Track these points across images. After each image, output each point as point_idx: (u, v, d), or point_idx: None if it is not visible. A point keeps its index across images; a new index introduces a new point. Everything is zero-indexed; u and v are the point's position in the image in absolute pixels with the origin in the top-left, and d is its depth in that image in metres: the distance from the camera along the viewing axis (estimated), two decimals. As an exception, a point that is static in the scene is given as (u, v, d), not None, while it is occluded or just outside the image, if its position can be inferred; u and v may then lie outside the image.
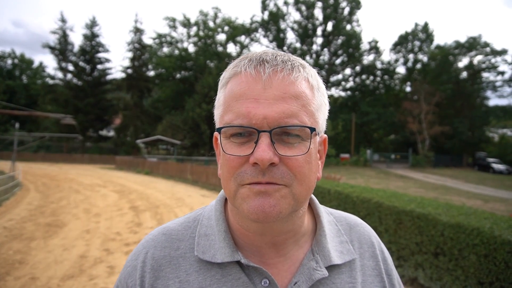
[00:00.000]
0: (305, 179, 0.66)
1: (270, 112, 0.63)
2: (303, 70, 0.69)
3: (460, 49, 43.80)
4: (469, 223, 4.09)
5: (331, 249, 0.76)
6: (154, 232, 0.79)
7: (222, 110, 0.69)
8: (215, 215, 0.78)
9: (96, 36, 46.28)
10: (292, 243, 0.74)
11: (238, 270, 0.70)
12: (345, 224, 0.84)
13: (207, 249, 0.73)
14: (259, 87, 0.64)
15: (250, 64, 0.67)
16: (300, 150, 0.65)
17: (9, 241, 7.07)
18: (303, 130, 0.65)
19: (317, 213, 0.80)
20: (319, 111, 0.70)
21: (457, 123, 41.12)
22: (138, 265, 0.73)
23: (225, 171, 0.67)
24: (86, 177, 21.42)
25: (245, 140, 0.65)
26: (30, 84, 55.80)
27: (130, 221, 9.20)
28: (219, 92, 0.73)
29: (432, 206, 5.00)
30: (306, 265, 0.72)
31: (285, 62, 0.67)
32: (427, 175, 28.89)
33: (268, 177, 0.63)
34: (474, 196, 17.15)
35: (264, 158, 0.61)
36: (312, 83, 0.70)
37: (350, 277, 0.75)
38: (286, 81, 0.65)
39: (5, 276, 5.24)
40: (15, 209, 10.54)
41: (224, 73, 0.72)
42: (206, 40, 47.54)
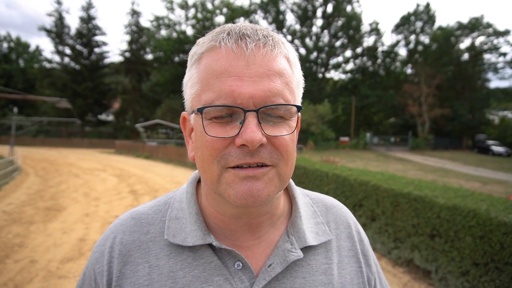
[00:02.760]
0: (290, 158, 0.64)
1: (256, 90, 0.60)
2: (283, 46, 0.66)
3: (462, 30, 43.19)
4: (466, 205, 4.09)
5: (306, 230, 0.74)
6: (123, 216, 0.76)
7: (199, 88, 0.64)
8: (186, 197, 0.75)
9: (92, 18, 45.57)
10: (268, 225, 0.72)
11: (210, 253, 0.68)
12: (322, 206, 0.83)
13: (177, 233, 0.70)
14: (242, 64, 0.60)
15: (230, 38, 0.62)
16: (285, 129, 0.63)
17: (8, 225, 7.11)
18: (288, 109, 0.62)
19: (293, 194, 0.79)
20: (298, 88, 0.68)
21: (457, 105, 40.94)
22: (105, 250, 0.71)
23: (206, 154, 0.63)
24: (85, 162, 21.45)
25: (229, 120, 0.61)
26: (27, 68, 55.24)
27: (129, 205, 9.24)
28: (190, 69, 0.68)
29: (429, 189, 4.99)
30: (281, 247, 0.70)
31: (267, 37, 0.63)
32: (427, 158, 28.96)
33: (258, 157, 0.60)
34: (473, 179, 17.22)
35: (254, 139, 0.58)
36: (291, 59, 0.67)
37: (325, 258, 0.74)
38: (269, 57, 0.62)
39: (5, 259, 5.28)
40: (14, 193, 10.58)
41: (196, 48, 0.67)
42: (204, 23, 46.85)
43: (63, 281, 4.55)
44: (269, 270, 0.68)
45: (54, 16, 44.76)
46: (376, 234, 5.65)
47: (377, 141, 41.14)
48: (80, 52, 44.86)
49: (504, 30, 41.67)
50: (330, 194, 6.75)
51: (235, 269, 0.67)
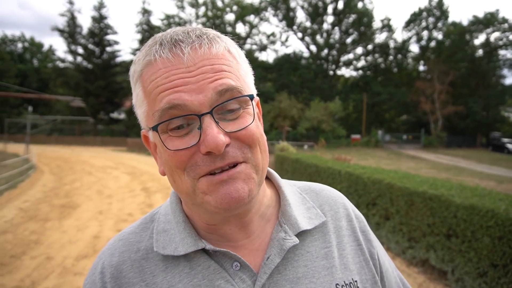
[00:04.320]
0: (261, 145, 0.64)
1: (204, 92, 0.58)
2: (221, 40, 0.64)
3: (476, 26, 42.30)
4: (484, 204, 4.00)
5: (298, 216, 0.72)
6: (110, 241, 0.74)
7: (147, 105, 0.62)
8: (171, 208, 0.73)
9: (104, 18, 46.00)
10: (258, 220, 0.71)
11: (206, 258, 0.66)
12: (310, 191, 0.82)
13: (167, 244, 0.68)
14: (182, 70, 0.59)
15: (163, 48, 0.60)
16: (246, 120, 0.61)
17: (25, 222, 7.25)
18: (242, 100, 0.61)
19: (278, 184, 0.77)
20: (248, 76, 0.67)
21: (471, 102, 40.18)
22: (96, 278, 0.68)
23: (173, 168, 0.61)
24: (98, 159, 21.73)
25: (186, 131, 0.59)
26: (41, 67, 56.16)
27: (142, 202, 9.33)
28: (134, 89, 0.66)
29: (445, 188, 4.90)
30: (276, 238, 0.69)
31: (200, 37, 0.62)
32: (440, 156, 28.52)
33: (228, 158, 0.59)
34: (488, 177, 16.89)
35: (218, 144, 0.56)
36: (233, 51, 0.65)
37: (324, 242, 0.73)
38: (209, 55, 0.60)
39: (22, 255, 5.39)
40: (30, 191, 10.78)
41: (134, 67, 0.65)
42: (214, 20, 46.88)
43: (78, 278, 4.61)
44: (268, 263, 0.66)
45: (66, 16, 45.36)
46: (390, 233, 5.59)
47: (389, 139, 40.70)
48: (92, 51, 45.36)
49: (521, 25, 40.67)
50: (343, 192, 6.68)
51: (234, 270, 0.66)
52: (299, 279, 0.67)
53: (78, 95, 41.96)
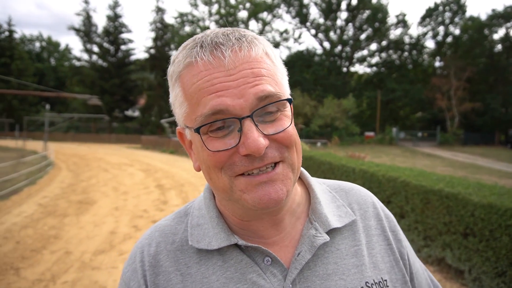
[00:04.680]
0: (297, 146, 0.66)
1: (244, 95, 0.59)
2: (259, 43, 0.65)
3: (496, 20, 41.20)
4: (502, 203, 3.92)
5: (328, 214, 0.74)
6: (146, 231, 0.77)
7: (188, 107, 0.64)
8: (205, 203, 0.75)
9: (119, 16, 46.59)
10: (289, 217, 0.72)
11: (238, 253, 0.69)
12: (340, 190, 0.83)
13: (201, 238, 0.70)
14: (223, 73, 0.60)
15: (204, 50, 0.61)
16: (282, 123, 0.63)
17: (44, 217, 7.44)
18: (280, 103, 0.63)
19: (308, 182, 0.79)
20: (283, 79, 0.68)
21: (489, 99, 39.22)
22: (137, 266, 0.71)
23: (211, 166, 0.63)
24: (113, 157, 22.09)
25: (225, 132, 0.61)
26: (58, 66, 57.34)
27: (157, 199, 9.46)
28: (173, 88, 0.67)
29: (462, 186, 4.82)
30: (306, 235, 0.71)
31: (240, 39, 0.63)
32: (456, 154, 27.99)
33: (267, 159, 0.61)
34: (506, 175, 16.51)
35: (259, 147, 0.58)
36: (270, 53, 0.66)
37: (353, 240, 0.74)
38: (249, 58, 0.61)
39: (42, 249, 5.54)
40: (48, 187, 11.05)
41: (173, 67, 0.67)
42: (227, 18, 46.94)
43: (96, 272, 4.72)
44: (299, 259, 0.68)
45: (82, 15, 46.14)
46: (405, 231, 5.53)
47: (403, 136, 40.13)
48: (107, 50, 46.03)
49: (542, 19, 39.46)
50: (357, 190, 6.64)
51: (265, 265, 0.67)
52: (329, 276, 0.68)
53: (93, 93, 42.69)
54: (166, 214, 7.85)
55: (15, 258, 5.16)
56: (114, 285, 4.36)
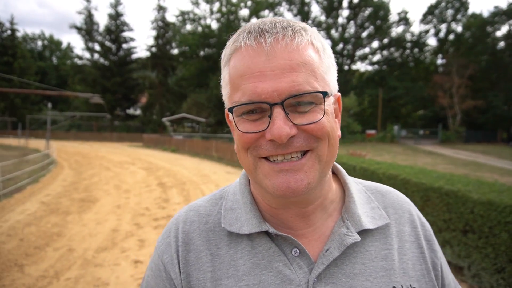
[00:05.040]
0: (330, 139, 0.65)
1: (279, 83, 0.60)
2: (306, 34, 0.65)
3: (499, 17, 41.02)
4: (502, 200, 3.94)
5: (362, 215, 0.73)
6: (181, 210, 0.80)
7: (230, 89, 0.67)
8: (240, 189, 0.78)
9: (120, 15, 46.64)
10: (320, 212, 0.72)
11: (267, 240, 0.70)
12: (376, 192, 0.82)
13: (233, 222, 0.72)
14: (263, 59, 0.61)
15: (250, 36, 0.64)
16: (316, 115, 0.63)
17: (47, 215, 7.50)
18: (315, 96, 0.62)
19: (344, 181, 0.78)
20: (328, 73, 0.67)
21: (491, 96, 39.09)
22: (171, 241, 0.74)
23: (239, 146, 0.67)
24: (115, 155, 22.17)
25: (258, 116, 0.63)
26: (60, 64, 57.51)
27: (158, 197, 9.51)
28: (223, 71, 0.70)
29: (462, 183, 4.84)
30: (337, 232, 0.70)
31: (286, 28, 0.64)
32: (458, 151, 27.94)
33: (291, 148, 0.62)
34: (508, 173, 16.49)
35: (281, 134, 0.59)
36: (317, 45, 0.66)
37: (385, 244, 0.72)
38: (290, 48, 0.62)
39: (45, 247, 5.59)
40: (51, 185, 11.12)
41: (225, 50, 0.70)
42: (229, 16, 46.90)
43: (99, 269, 4.77)
44: (326, 255, 0.68)
45: (83, 14, 46.22)
46: (405, 229, 5.55)
47: (405, 134, 40.07)
48: (109, 48, 46.10)
49: (544, 16, 39.26)
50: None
51: (293, 255, 0.68)
52: (356, 275, 0.68)
53: (95, 92, 42.75)
54: (167, 212, 7.90)
55: (19, 255, 5.22)
56: (116, 282, 4.41)
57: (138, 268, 4.84)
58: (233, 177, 13.54)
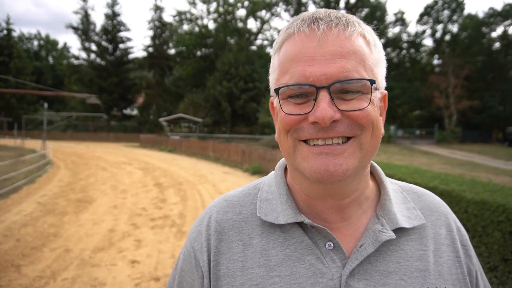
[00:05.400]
0: (374, 129, 0.65)
1: (328, 68, 0.61)
2: (359, 25, 0.67)
3: (494, 18, 41.29)
4: (495, 199, 4.00)
5: (397, 213, 0.72)
6: (216, 200, 0.81)
7: (278, 73, 0.68)
8: (275, 180, 0.78)
9: (117, 15, 46.50)
10: (355, 207, 0.71)
11: (301, 233, 0.69)
12: (412, 193, 0.81)
13: (269, 212, 0.72)
14: (314, 44, 0.62)
15: (303, 23, 0.65)
16: (361, 103, 0.63)
17: (43, 216, 7.49)
18: (362, 84, 0.62)
19: (380, 179, 0.78)
20: (377, 66, 0.67)
21: (487, 97, 39.33)
22: (202, 229, 0.75)
23: (280, 128, 0.67)
24: (112, 155, 22.12)
25: (303, 100, 0.63)
26: (56, 64, 57.25)
27: (155, 197, 9.51)
28: (273, 58, 0.72)
29: (457, 183, 4.90)
30: (371, 228, 0.69)
31: (339, 18, 0.65)
32: (454, 151, 28.10)
33: (333, 132, 0.62)
34: (504, 173, 16.61)
35: (325, 116, 0.59)
36: (369, 38, 0.67)
37: (420, 244, 0.71)
38: (342, 36, 0.63)
39: (42, 247, 5.59)
40: (47, 186, 11.09)
41: (277, 37, 0.71)
42: (226, 16, 46.89)
43: (96, 269, 4.78)
44: (360, 250, 0.67)
45: (80, 14, 46.04)
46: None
47: (401, 134, 40.22)
48: (106, 48, 45.94)
49: (540, 17, 39.56)
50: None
51: (326, 249, 0.68)
52: (390, 274, 0.67)
53: (91, 92, 42.65)
54: (164, 212, 7.92)
55: (16, 255, 5.22)
56: (113, 282, 4.42)
57: (135, 268, 4.85)
58: (230, 177, 13.57)
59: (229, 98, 37.42)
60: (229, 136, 34.50)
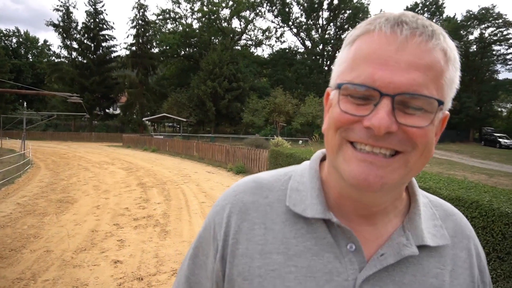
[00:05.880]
0: (426, 150, 0.61)
1: (399, 77, 0.57)
2: (443, 39, 0.62)
3: (471, 21, 42.55)
4: (469, 196, 4.17)
5: (424, 230, 0.70)
6: (245, 179, 0.80)
7: (345, 67, 0.64)
8: (309, 172, 0.76)
9: (99, 13, 45.66)
10: (382, 214, 0.70)
11: (324, 229, 0.68)
12: (441, 210, 0.78)
13: (298, 203, 0.71)
14: (392, 48, 0.58)
15: (387, 23, 0.60)
16: (422, 121, 0.59)
17: (23, 217, 7.34)
18: (429, 103, 0.58)
19: (413, 191, 0.75)
20: (450, 87, 0.63)
21: (464, 97, 40.52)
22: (226, 205, 0.75)
23: (331, 124, 0.64)
24: (94, 155, 21.76)
25: (364, 102, 0.60)
26: (36, 62, 55.73)
27: (138, 197, 9.44)
28: (342, 50, 0.67)
29: (434, 181, 5.07)
30: (396, 240, 0.67)
31: (426, 27, 0.60)
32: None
33: (384, 142, 0.58)
34: (479, 171, 17.17)
35: (381, 125, 0.56)
36: (450, 55, 0.63)
37: (438, 263, 0.70)
38: (423, 47, 0.59)
39: (22, 249, 5.49)
40: (27, 186, 10.85)
41: (353, 31, 0.67)
42: (210, 16, 46.71)
43: (78, 270, 4.73)
44: (381, 259, 0.65)
45: (61, 11, 44.99)
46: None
47: (383, 134, 40.92)
48: (88, 47, 45.05)
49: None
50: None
51: (347, 250, 0.66)
52: (404, 285, 0.66)
53: (73, 91, 41.64)
54: (148, 212, 7.87)
55: (-6, 257, 5.11)
56: (95, 282, 4.40)
57: (118, 268, 4.83)
58: (214, 177, 13.58)
59: (213, 98, 37.30)
60: (214, 136, 34.42)
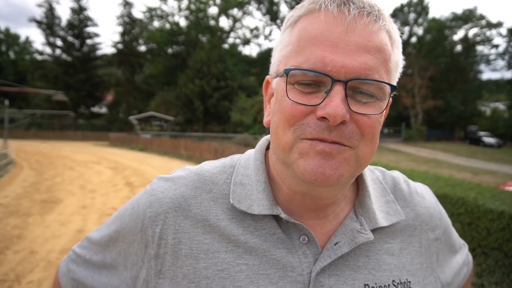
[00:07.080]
0: (373, 140, 0.59)
1: (351, 61, 0.54)
2: (388, 21, 0.60)
3: (456, 22, 43.39)
4: (455, 193, 4.24)
5: (377, 210, 0.68)
6: (185, 169, 0.73)
7: (289, 51, 0.59)
8: (254, 164, 0.70)
9: (84, 9, 44.88)
10: (333, 206, 0.68)
11: (273, 225, 0.65)
12: (391, 182, 0.76)
13: (242, 199, 0.66)
14: (340, 30, 0.55)
15: (333, 1, 0.57)
16: (374, 109, 0.57)
17: (6, 217, 7.15)
18: (381, 88, 0.57)
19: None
20: (396, 70, 0.62)
21: (450, 97, 41.33)
22: (164, 199, 0.67)
23: (282, 120, 0.59)
24: (79, 154, 21.39)
25: (312, 90, 0.56)
26: (18, 60, 54.50)
27: (126, 197, 9.31)
28: (283, 33, 0.63)
29: (421, 178, 5.14)
30: (349, 226, 0.66)
31: (372, 7, 0.58)
32: (420, 149, 29.30)
33: (336, 135, 0.55)
34: (464, 169, 17.52)
35: (337, 114, 0.53)
36: (394, 38, 0.61)
37: (390, 237, 0.70)
38: (371, 28, 0.56)
39: (5, 250, 5.35)
40: (9, 186, 10.58)
41: (294, 11, 0.62)
42: (197, 14, 46.42)
43: (64, 271, 4.63)
44: (335, 248, 0.64)
45: (44, 7, 44.06)
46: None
47: (370, 133, 41.37)
48: (72, 44, 44.25)
49: (497, 22, 42.12)
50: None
51: (300, 242, 0.64)
52: (359, 268, 0.65)
53: (57, 89, 40.91)
54: (135, 212, 7.78)
55: (-24, 259, 4.96)
56: (82, 283, 4.31)
57: (105, 269, 4.75)
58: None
59: (201, 97, 37.09)
60: (202, 135, 34.24)
